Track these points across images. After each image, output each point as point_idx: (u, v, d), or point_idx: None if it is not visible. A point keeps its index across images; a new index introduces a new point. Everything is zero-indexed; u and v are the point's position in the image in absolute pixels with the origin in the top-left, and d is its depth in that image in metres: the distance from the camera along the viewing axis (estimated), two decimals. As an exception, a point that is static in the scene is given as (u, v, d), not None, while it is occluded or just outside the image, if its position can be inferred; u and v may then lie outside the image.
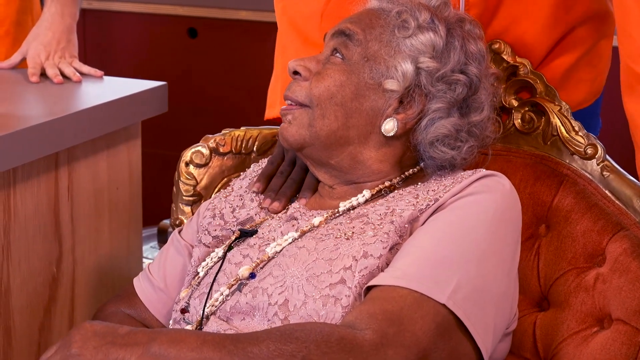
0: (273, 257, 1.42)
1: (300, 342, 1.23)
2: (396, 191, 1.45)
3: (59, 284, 1.82)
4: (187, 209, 1.72)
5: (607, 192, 1.53)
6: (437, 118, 1.44)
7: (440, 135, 1.44)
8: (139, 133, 1.98)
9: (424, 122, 1.44)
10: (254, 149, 1.73)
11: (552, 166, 1.59)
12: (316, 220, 1.45)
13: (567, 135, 1.59)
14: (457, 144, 1.45)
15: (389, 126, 1.44)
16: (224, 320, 1.40)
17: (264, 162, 1.63)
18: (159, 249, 2.41)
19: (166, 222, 2.44)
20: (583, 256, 1.50)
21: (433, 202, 1.39)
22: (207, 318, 1.42)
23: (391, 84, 1.43)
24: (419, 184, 1.46)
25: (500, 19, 1.62)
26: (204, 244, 1.54)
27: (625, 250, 1.46)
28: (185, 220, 1.71)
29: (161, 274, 1.59)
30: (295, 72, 1.46)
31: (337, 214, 1.45)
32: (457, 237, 1.35)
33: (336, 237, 1.39)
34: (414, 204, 1.40)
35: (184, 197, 1.72)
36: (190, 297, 1.48)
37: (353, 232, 1.39)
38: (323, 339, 1.23)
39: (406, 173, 1.48)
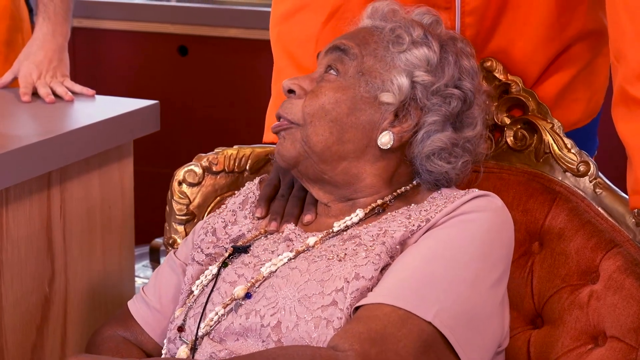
0: (268, 277, 1.42)
1: None
2: (389, 212, 1.45)
3: (52, 304, 1.81)
4: (181, 228, 1.71)
5: (599, 209, 1.54)
6: (433, 131, 1.45)
7: (437, 148, 1.45)
8: (131, 152, 1.98)
9: (420, 135, 1.45)
10: (247, 167, 1.73)
11: (544, 183, 1.59)
12: (311, 240, 1.45)
13: (559, 152, 1.60)
14: (452, 159, 1.46)
15: (385, 139, 1.45)
16: (217, 342, 1.40)
17: (256, 180, 1.63)
18: (151, 267, 2.41)
19: (158, 240, 2.44)
20: (577, 273, 1.50)
21: (425, 222, 1.39)
22: (202, 338, 1.41)
23: (387, 97, 1.44)
24: (412, 204, 1.46)
25: (495, 40, 1.64)
26: (197, 262, 1.53)
27: (619, 267, 1.46)
28: (178, 240, 1.70)
29: (156, 294, 1.59)
30: (290, 91, 1.46)
31: (332, 234, 1.45)
32: (446, 256, 1.36)
33: (328, 259, 1.39)
34: (405, 225, 1.40)
35: (177, 217, 1.71)
36: (185, 315, 1.47)
37: (345, 254, 1.39)
38: None
39: (398, 191, 1.48)
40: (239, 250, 1.49)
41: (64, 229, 1.82)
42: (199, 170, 1.72)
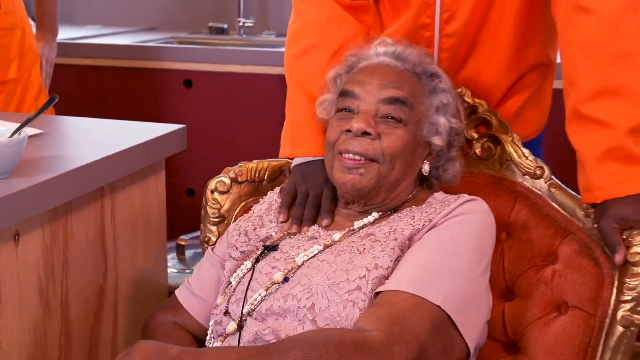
0: (301, 266, 1.40)
1: (321, 348, 1.22)
2: (396, 213, 1.44)
3: (105, 293, 1.77)
4: (214, 228, 1.68)
5: (554, 204, 1.54)
6: (455, 158, 1.49)
7: (458, 169, 1.50)
8: (163, 167, 1.94)
9: (444, 161, 1.50)
10: (265, 177, 1.71)
11: (508, 185, 1.59)
12: (336, 236, 1.43)
13: (518, 159, 1.60)
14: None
15: (426, 168, 1.48)
16: (259, 321, 1.37)
17: (277, 190, 1.60)
18: (178, 260, 2.36)
19: (184, 237, 2.40)
20: (540, 256, 1.50)
21: (427, 222, 1.39)
22: (246, 318, 1.38)
23: (437, 140, 1.45)
24: (413, 207, 1.45)
25: (465, 71, 1.64)
26: (233, 258, 1.51)
27: (575, 250, 1.46)
28: (212, 238, 1.68)
29: (200, 285, 1.56)
30: (365, 133, 1.41)
31: (353, 231, 1.43)
32: (448, 250, 1.35)
33: (351, 252, 1.38)
34: (412, 224, 1.39)
35: (210, 219, 1.68)
36: (228, 302, 1.44)
37: (364, 248, 1.38)
38: (340, 343, 1.22)
39: (409, 196, 1.47)
40: (269, 248, 1.47)
41: (114, 233, 1.77)
42: (227, 180, 1.69)
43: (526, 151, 1.59)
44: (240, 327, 1.38)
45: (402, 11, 1.62)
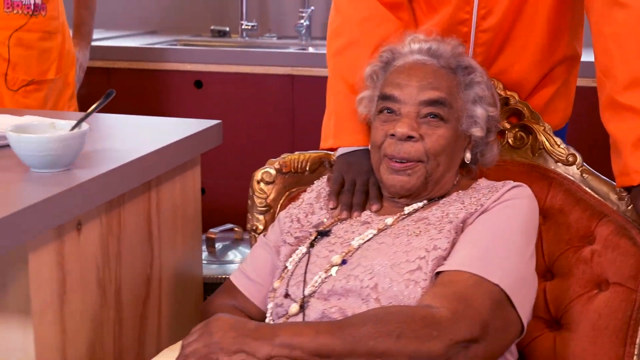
0: (358, 249, 1.47)
1: (393, 323, 1.29)
2: (444, 198, 1.52)
3: (152, 283, 1.82)
4: (261, 217, 1.75)
5: (587, 189, 1.62)
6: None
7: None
8: (199, 162, 2.00)
9: (486, 147, 1.56)
10: (307, 168, 1.78)
11: (541, 172, 1.67)
12: (389, 220, 1.50)
13: (551, 148, 1.67)
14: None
15: (468, 156, 1.54)
16: (323, 300, 1.43)
17: (324, 178, 1.67)
18: (208, 252, 2.42)
19: (213, 230, 2.46)
20: (577, 238, 1.58)
21: (479, 207, 1.46)
22: (309, 300, 1.45)
23: (477, 131, 1.52)
24: (460, 192, 1.53)
25: (497, 64, 1.71)
26: (288, 243, 1.57)
27: (612, 231, 1.54)
28: (260, 226, 1.74)
29: (255, 269, 1.61)
30: (410, 137, 1.47)
31: (404, 216, 1.50)
32: (501, 233, 1.43)
33: (408, 235, 1.45)
34: (463, 208, 1.47)
35: (257, 208, 1.75)
36: (287, 284, 1.50)
37: (420, 231, 1.45)
38: (410, 319, 1.29)
39: (454, 182, 1.54)
40: (322, 234, 1.54)
41: (159, 225, 1.83)
42: (273, 171, 1.76)
43: (558, 140, 1.67)
44: (302, 308, 1.44)
45: (439, 8, 1.69)
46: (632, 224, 1.53)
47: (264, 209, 1.74)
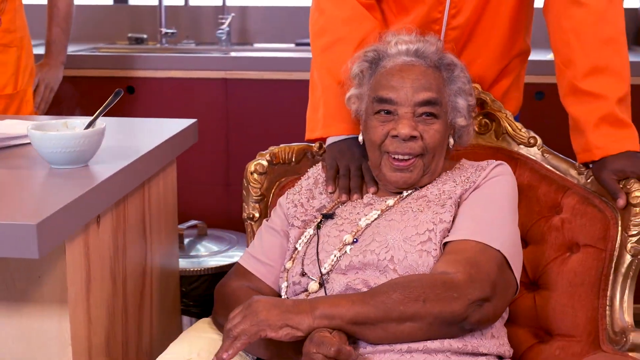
0: (367, 228, 1.61)
1: (417, 289, 1.43)
2: (436, 181, 1.68)
3: (146, 274, 1.90)
4: (256, 205, 1.87)
5: (549, 167, 1.81)
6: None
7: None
8: (175, 161, 2.08)
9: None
10: (293, 159, 1.91)
11: (507, 154, 1.85)
12: (390, 202, 1.65)
13: (513, 132, 1.87)
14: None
15: (451, 141, 1.69)
16: (342, 275, 1.57)
17: (319, 165, 1.81)
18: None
19: (181, 227, 2.53)
20: (546, 209, 1.77)
21: (472, 184, 1.63)
22: (327, 275, 1.58)
23: (461, 121, 1.68)
24: (448, 172, 1.69)
25: (464, 57, 1.86)
26: (296, 227, 1.69)
27: (577, 201, 1.75)
28: (256, 214, 1.86)
29: (264, 253, 1.72)
30: (413, 137, 1.61)
31: (403, 197, 1.66)
32: (494, 205, 1.60)
33: (413, 211, 1.60)
34: (456, 185, 1.63)
35: (253, 197, 1.87)
36: (302, 264, 1.62)
37: (423, 208, 1.60)
38: (433, 284, 1.44)
39: (440, 165, 1.69)
40: (327, 216, 1.67)
41: (151, 219, 1.91)
42: (265, 163, 1.88)
43: (519, 124, 1.87)
44: (321, 285, 1.57)
45: (411, 8, 1.86)
46: (594, 194, 1.74)
47: (259, 197, 1.86)
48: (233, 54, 3.45)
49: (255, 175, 1.87)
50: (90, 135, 1.58)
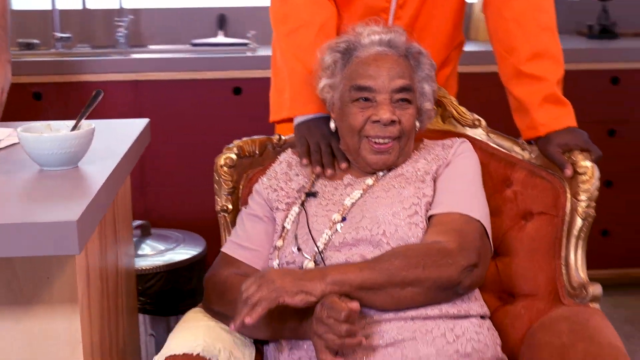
0: (352, 207, 1.72)
1: (416, 257, 1.57)
2: (408, 160, 1.81)
3: (118, 274, 1.93)
4: (229, 197, 1.93)
5: (495, 145, 1.98)
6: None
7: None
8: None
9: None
10: (257, 151, 1.99)
11: (454, 135, 1.98)
12: (369, 181, 1.77)
13: (459, 116, 2.02)
14: None
15: (418, 124, 1.82)
16: (337, 251, 1.67)
17: (289, 150, 1.91)
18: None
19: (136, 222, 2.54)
20: (498, 183, 1.92)
21: (445, 160, 1.78)
22: (321, 254, 1.67)
23: (428, 105, 1.81)
24: (416, 151, 1.83)
25: None
26: (281, 210, 1.79)
27: (526, 175, 1.92)
28: (229, 206, 1.93)
29: (249, 239, 1.80)
30: (393, 122, 1.73)
31: (380, 177, 1.78)
32: (467, 179, 1.77)
33: (395, 188, 1.73)
34: (427, 163, 1.78)
35: (225, 190, 1.93)
36: (296, 240, 1.70)
37: (405, 184, 1.73)
38: (429, 252, 1.59)
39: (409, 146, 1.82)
40: (310, 194, 1.77)
41: (119, 219, 1.95)
42: (234, 156, 1.95)
43: (463, 108, 2.02)
44: (316, 262, 1.67)
45: None
46: (539, 167, 1.92)
47: (231, 190, 1.93)
48: (135, 56, 3.46)
49: (225, 169, 1.94)
50: (82, 136, 1.61)
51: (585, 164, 1.84)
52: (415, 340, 1.56)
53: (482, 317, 1.70)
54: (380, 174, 1.80)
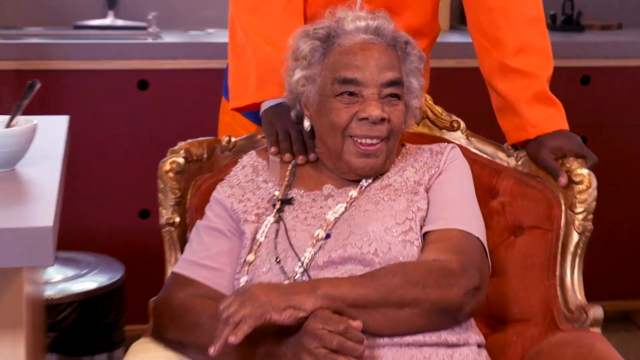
0: (335, 222, 1.50)
1: (416, 274, 1.41)
2: (392, 168, 1.59)
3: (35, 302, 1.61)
4: (176, 208, 1.65)
5: (475, 151, 1.78)
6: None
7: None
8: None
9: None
10: (205, 155, 1.71)
11: (429, 139, 1.78)
12: (353, 193, 1.55)
13: (434, 116, 1.81)
14: None
15: (405, 124, 1.61)
16: (321, 270, 1.46)
17: (253, 152, 1.66)
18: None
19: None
20: (482, 193, 1.70)
21: (437, 169, 1.58)
22: (302, 275, 1.46)
23: (416, 103, 1.60)
24: (399, 157, 1.63)
25: None
26: (250, 221, 1.54)
27: (513, 183, 1.73)
28: (176, 219, 1.66)
29: (210, 257, 1.54)
30: (383, 119, 1.51)
31: (365, 187, 1.56)
32: (463, 191, 1.59)
33: (384, 201, 1.53)
34: (415, 172, 1.58)
35: (172, 199, 1.65)
36: (275, 250, 1.48)
37: (395, 196, 1.53)
38: (430, 270, 1.42)
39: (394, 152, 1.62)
40: (286, 202, 1.54)
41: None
42: (182, 160, 1.66)
43: (439, 108, 1.81)
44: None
45: None
46: (527, 175, 1.73)
47: (178, 199, 1.65)
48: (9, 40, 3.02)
49: (171, 174, 1.65)
50: (23, 133, 1.30)
51: (582, 171, 1.67)
52: (412, 368, 1.38)
53: (479, 345, 1.53)
54: (365, 183, 1.57)
